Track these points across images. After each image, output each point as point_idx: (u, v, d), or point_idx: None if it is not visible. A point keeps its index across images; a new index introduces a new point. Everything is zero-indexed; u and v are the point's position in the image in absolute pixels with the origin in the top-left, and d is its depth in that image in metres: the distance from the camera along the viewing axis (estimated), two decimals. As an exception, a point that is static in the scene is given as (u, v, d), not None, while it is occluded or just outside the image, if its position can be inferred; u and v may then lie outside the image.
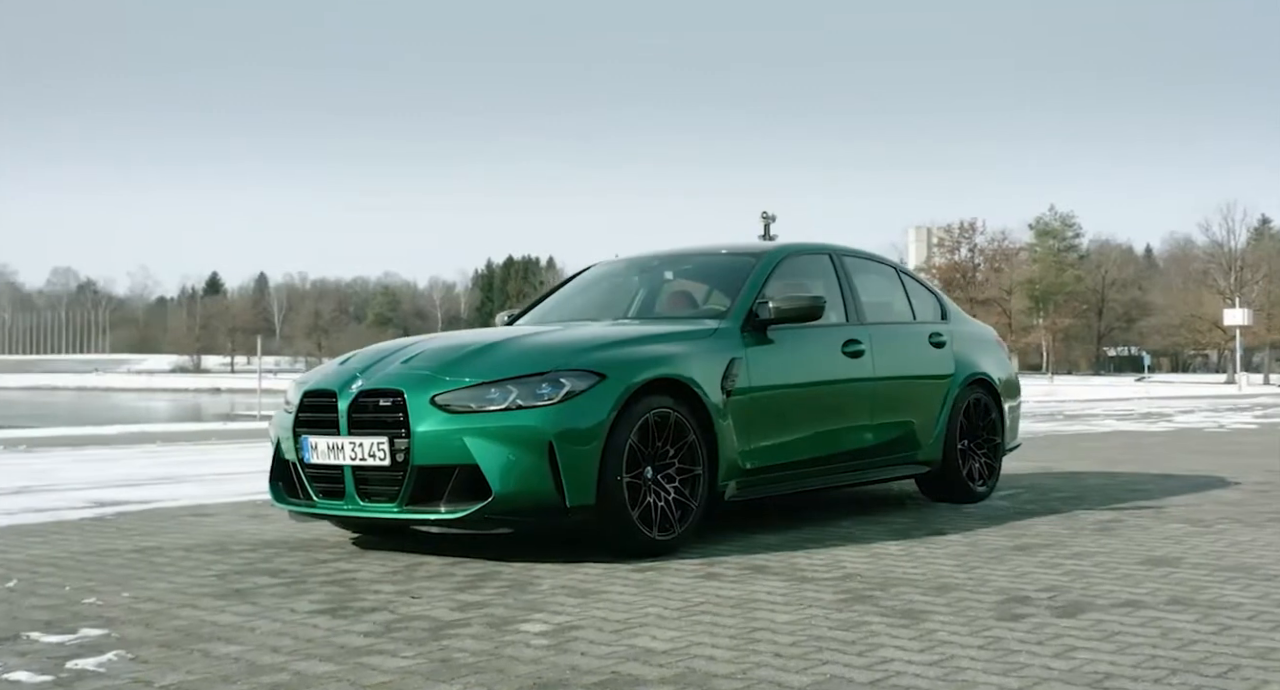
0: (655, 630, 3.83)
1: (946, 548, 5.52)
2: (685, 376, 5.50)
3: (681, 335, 5.82)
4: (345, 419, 5.29)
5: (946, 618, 3.99)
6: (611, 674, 3.30)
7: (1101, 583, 4.61)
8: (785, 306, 6.07)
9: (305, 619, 4.05)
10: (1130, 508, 7.04)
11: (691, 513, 5.48)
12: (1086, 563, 5.08)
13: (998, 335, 8.26)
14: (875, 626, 3.86)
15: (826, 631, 3.79)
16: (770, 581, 4.69)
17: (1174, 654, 3.48)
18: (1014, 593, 4.42)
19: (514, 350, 5.41)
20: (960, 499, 7.28)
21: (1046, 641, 3.64)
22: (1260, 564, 5.04)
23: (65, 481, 9.41)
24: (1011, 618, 3.99)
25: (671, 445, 5.43)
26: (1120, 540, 5.74)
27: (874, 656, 3.48)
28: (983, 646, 3.58)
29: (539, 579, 4.79)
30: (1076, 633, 3.76)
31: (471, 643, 3.68)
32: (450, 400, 5.13)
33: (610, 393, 5.19)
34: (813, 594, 4.41)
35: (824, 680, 3.22)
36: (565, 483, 5.05)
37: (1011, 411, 7.88)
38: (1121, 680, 3.21)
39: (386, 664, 3.43)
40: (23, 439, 16.07)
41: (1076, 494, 7.80)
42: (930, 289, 7.78)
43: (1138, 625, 3.86)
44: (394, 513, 5.19)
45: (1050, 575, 4.78)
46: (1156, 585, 4.55)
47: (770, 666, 3.36)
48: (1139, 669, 3.32)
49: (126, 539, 6.07)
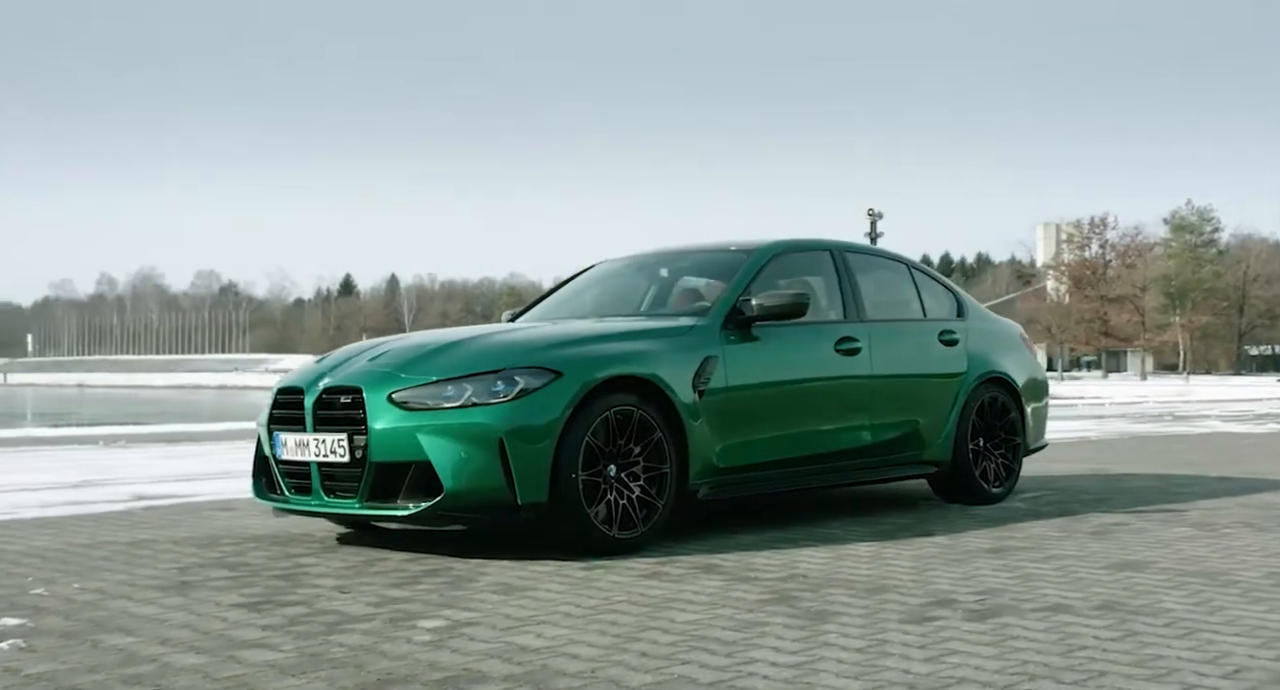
0: (547, 628, 3.82)
1: (919, 550, 5.41)
2: (650, 374, 5.47)
3: (653, 333, 5.80)
4: (310, 416, 5.39)
5: (852, 619, 3.91)
6: (462, 670, 3.30)
7: (1046, 587, 4.47)
8: (768, 304, 6.00)
9: (222, 612, 4.13)
10: (1149, 510, 6.81)
11: (658, 511, 5.45)
12: (1050, 566, 4.93)
13: (1024, 334, 8.04)
14: (770, 628, 3.80)
15: (717, 632, 3.75)
16: (709, 581, 4.64)
17: (1049, 660, 3.37)
18: (945, 596, 4.31)
19: (474, 348, 5.44)
20: (974, 500, 7.11)
21: (930, 646, 3.55)
22: (1231, 569, 4.84)
23: (126, 477, 9.70)
24: (918, 621, 3.89)
25: (637, 443, 5.41)
26: (1108, 543, 5.56)
27: (741, 657, 3.42)
28: (861, 650, 3.51)
29: (481, 575, 4.81)
30: (969, 637, 3.66)
31: (358, 638, 3.71)
32: (407, 397, 5.19)
33: (565, 390, 5.19)
34: (739, 595, 4.36)
35: (667, 680, 3.19)
36: (516, 480, 5.06)
37: (1036, 412, 7.68)
38: (971, 685, 3.12)
39: (255, 657, 3.48)
40: (124, 435, 16.65)
41: (1106, 496, 7.57)
42: (947, 286, 7.62)
43: (1040, 631, 3.74)
44: (356, 508, 5.26)
45: (1000, 578, 4.65)
46: (1102, 590, 4.40)
47: (625, 666, 3.33)
48: (1000, 674, 3.22)
49: (132, 532, 6.25)
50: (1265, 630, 3.73)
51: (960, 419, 7.05)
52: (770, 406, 6.06)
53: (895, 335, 6.90)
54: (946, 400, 7.02)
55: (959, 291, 7.66)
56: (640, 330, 5.81)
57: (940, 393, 7.00)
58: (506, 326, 6.07)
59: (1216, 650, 3.47)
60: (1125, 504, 7.13)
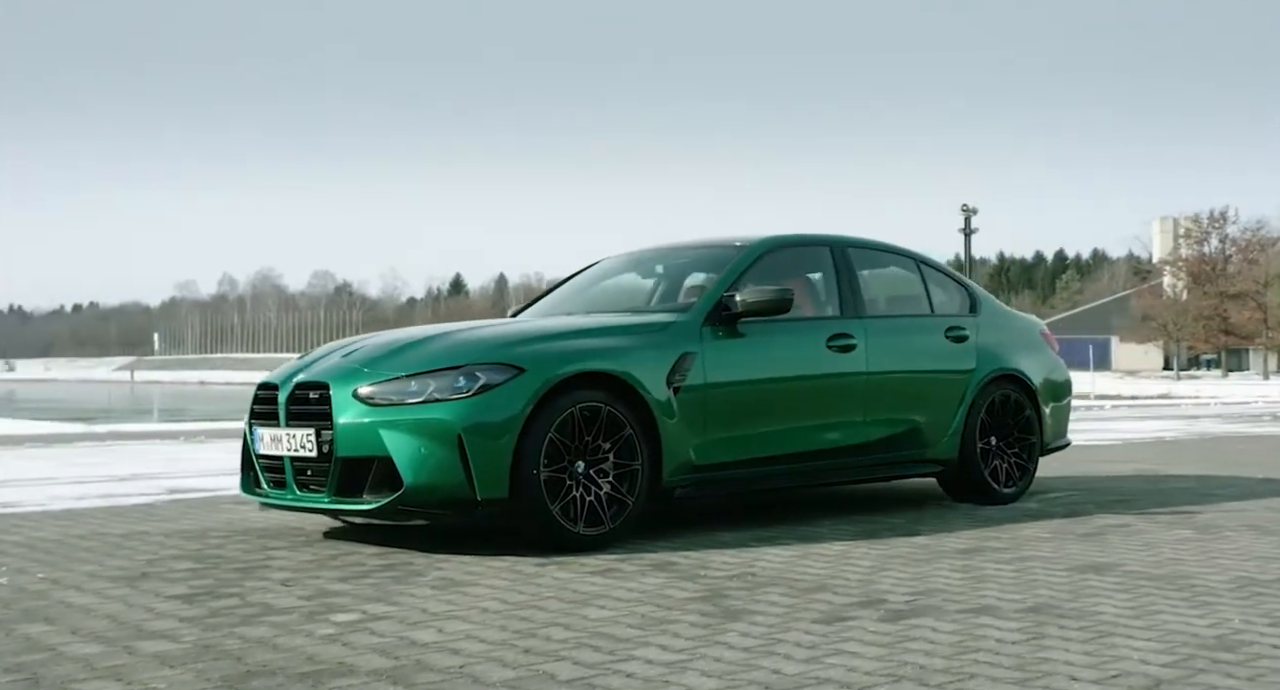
0: (454, 623, 3.83)
1: (890, 550, 5.30)
2: (619, 371, 5.45)
3: (628, 329, 5.77)
4: (283, 411, 5.46)
5: (764, 619, 3.86)
6: (336, 664, 3.32)
7: (990, 589, 4.36)
8: (751, 300, 5.94)
9: (154, 604, 4.21)
10: (1163, 512, 6.61)
11: (628, 508, 5.42)
12: (1011, 568, 4.81)
13: (1045, 331, 7.83)
14: (674, 626, 3.76)
15: (617, 629, 3.72)
16: (652, 578, 4.61)
17: (930, 661, 3.29)
18: (878, 596, 4.22)
19: (440, 345, 5.47)
20: (983, 500, 6.96)
21: (821, 646, 3.49)
22: (1199, 573, 4.68)
23: (178, 471, 9.94)
24: (830, 621, 3.82)
25: (607, 440, 5.39)
26: (1090, 546, 5.41)
27: (622, 655, 3.40)
28: (748, 649, 3.46)
29: (435, 570, 4.83)
30: (868, 638, 3.58)
31: (263, 631, 3.75)
32: (371, 393, 5.23)
33: (527, 386, 5.19)
34: (671, 593, 4.32)
35: (528, 677, 3.17)
36: (475, 475, 5.08)
37: (1055, 410, 7.49)
38: (830, 685, 3.05)
39: (149, 648, 3.53)
40: (204, 431, 17.06)
41: (1130, 497, 7.36)
42: (960, 282, 7.46)
43: (947, 632, 3.65)
44: (325, 503, 5.33)
45: (950, 580, 4.55)
46: (1045, 593, 4.28)
47: (499, 662, 3.33)
48: (868, 675, 3.15)
49: (136, 524, 6.37)
50: (1179, 635, 3.60)
51: (968, 417, 6.90)
52: (754, 403, 6.00)
53: (895, 331, 6.78)
54: (953, 397, 6.88)
55: (973, 287, 7.50)
56: (614, 326, 5.79)
57: (946, 390, 6.86)
58: (481, 323, 6.08)
59: (1113, 655, 3.36)
60: (1143, 505, 6.93)
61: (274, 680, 3.16)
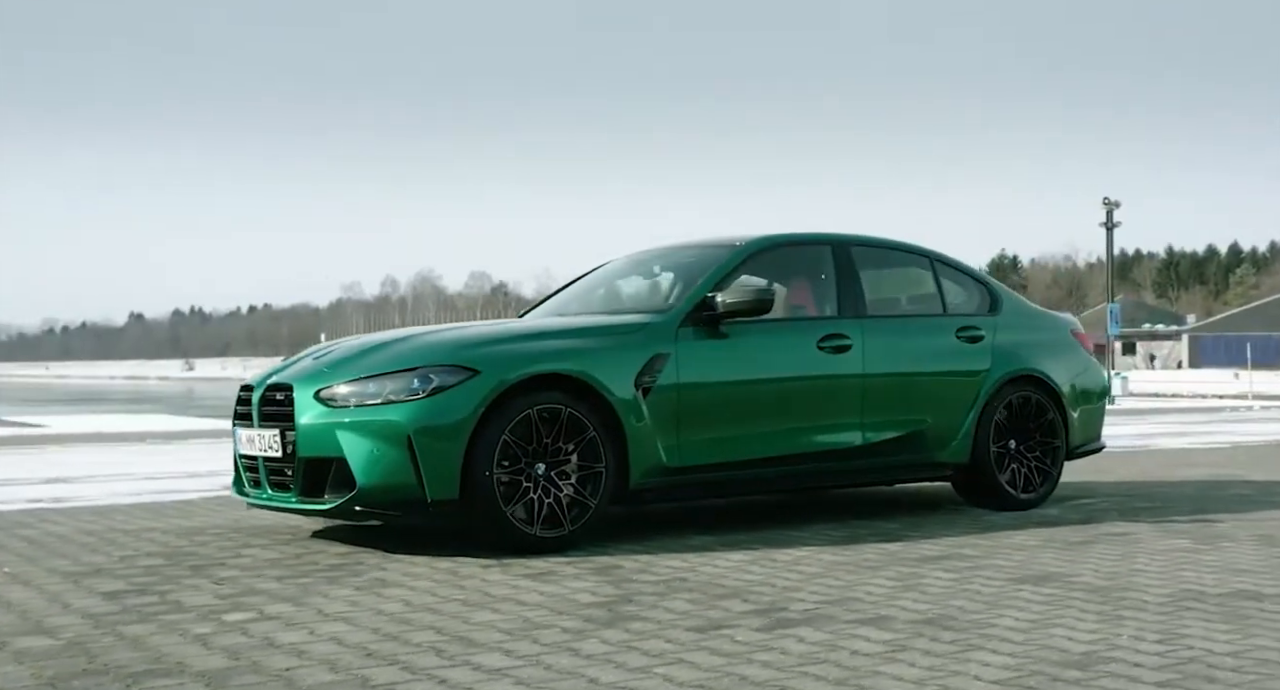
0: (332, 626, 3.86)
1: (846, 558, 5.17)
2: (578, 372, 5.42)
3: (597, 330, 5.74)
4: (256, 412, 5.58)
5: (643, 627, 3.80)
6: (175, 664, 3.37)
7: (906, 600, 4.22)
8: (731, 301, 5.86)
9: (77, 599, 4.32)
10: (1179, 520, 6.33)
11: (590, 511, 5.39)
12: (953, 577, 4.65)
13: (1078, 330, 7.52)
14: (547, 633, 3.73)
15: (489, 634, 3.70)
16: (577, 583, 4.58)
17: (763, 673, 3.20)
18: (781, 605, 4.12)
19: (403, 347, 5.50)
20: (998, 505, 6.74)
21: (667, 654, 3.43)
22: (1147, 586, 4.46)
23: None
24: (706, 629, 3.75)
25: (569, 442, 5.37)
26: (1064, 555, 5.20)
27: (460, 660, 3.38)
28: (591, 656, 3.41)
29: (378, 570, 4.87)
30: (723, 648, 3.50)
31: (144, 630, 3.81)
32: (332, 395, 5.31)
33: (480, 388, 5.20)
34: (580, 597, 4.29)
35: (340, 682, 3.18)
36: (425, 476, 5.11)
37: (1086, 412, 7.20)
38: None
39: (24, 643, 3.64)
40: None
41: (1164, 504, 7.07)
42: (981, 280, 7.22)
43: (813, 642, 3.55)
44: (293, 503, 5.42)
45: (874, 589, 4.41)
46: (962, 603, 4.13)
47: (326, 665, 3.34)
48: (683, 686, 3.07)
49: (155, 521, 6.54)
50: (1048, 651, 3.44)
51: (980, 419, 6.69)
52: (733, 404, 5.91)
53: (898, 332, 6.60)
54: (964, 399, 6.67)
55: (996, 287, 7.25)
56: (583, 328, 5.76)
57: (956, 391, 6.66)
58: (451, 326, 6.11)
59: (953, 669, 3.22)
60: (1168, 513, 6.64)
61: (97, 680, 3.21)
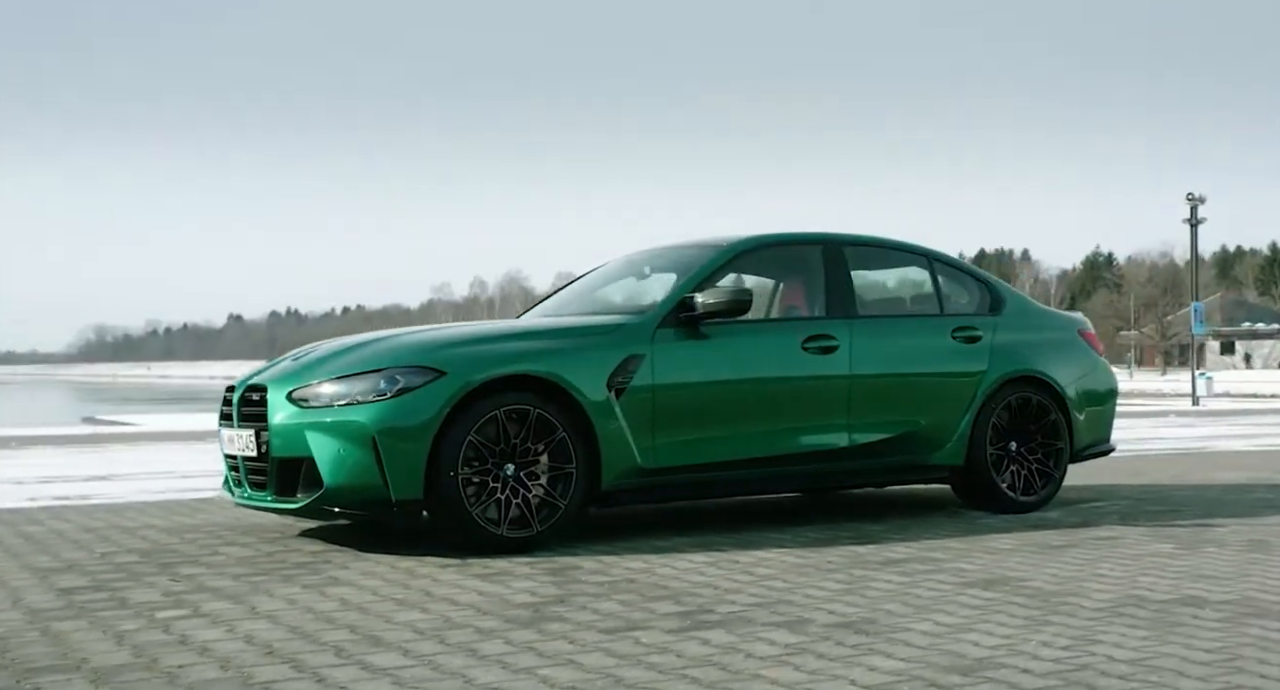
0: (253, 623, 3.91)
1: (807, 560, 5.13)
2: (547, 373, 5.44)
3: (571, 331, 5.76)
4: (236, 412, 5.68)
5: (561, 628, 3.81)
6: (80, 660, 3.44)
7: (837, 604, 4.18)
8: (709, 301, 5.84)
9: (31, 595, 4.43)
10: (1180, 524, 6.22)
11: (559, 511, 5.41)
12: (898, 582, 4.59)
13: (1087, 330, 7.37)
14: (459, 633, 3.76)
15: (401, 633, 3.74)
16: (522, 583, 4.60)
17: (644, 675, 3.19)
18: (709, 607, 4.11)
19: (375, 349, 5.56)
20: (997, 508, 6.64)
21: (561, 655, 3.43)
22: (1095, 591, 4.38)
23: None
24: (618, 631, 3.75)
25: (540, 442, 5.39)
26: (1030, 560, 5.12)
27: (358, 659, 3.42)
28: (486, 656, 3.43)
29: (333, 570, 4.92)
30: (622, 649, 3.51)
31: (74, 626, 3.88)
32: (304, 396, 5.38)
33: (445, 389, 5.24)
34: (517, 598, 4.31)
35: (224, 679, 3.22)
36: (389, 477, 5.17)
37: (1092, 414, 7.07)
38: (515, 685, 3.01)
39: (-51, 636, 3.75)
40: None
41: (1174, 508, 6.95)
42: (983, 280, 7.11)
43: (717, 645, 3.54)
44: (269, 502, 5.51)
45: (813, 593, 4.37)
46: (887, 607, 4.09)
47: (217, 663, 3.39)
48: (555, 686, 3.07)
49: (159, 519, 6.69)
50: (946, 655, 3.39)
51: (976, 420, 6.59)
52: (710, 405, 5.89)
53: (888, 332, 6.53)
54: (958, 400, 6.58)
55: (999, 286, 7.14)
56: (556, 329, 5.78)
57: (950, 392, 6.57)
58: (429, 327, 6.15)
59: (836, 673, 3.19)
60: (1170, 517, 6.52)
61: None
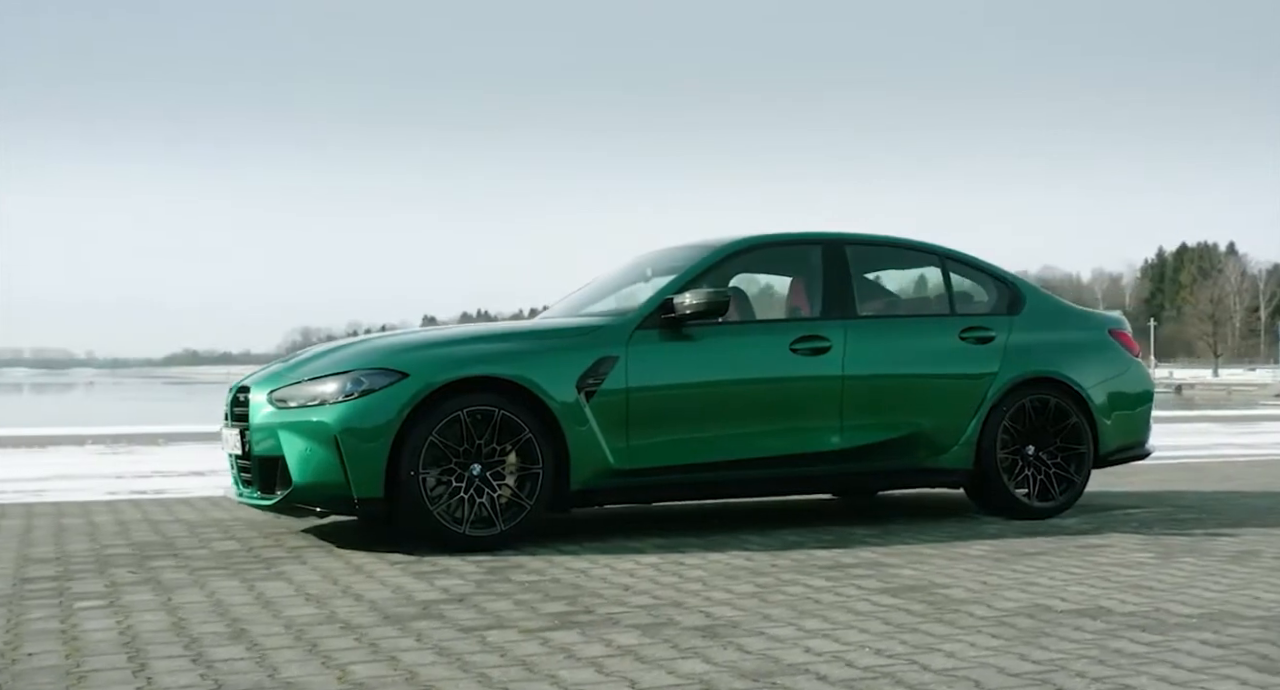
0: (147, 616, 4.05)
1: (757, 563, 5.11)
2: (514, 375, 5.53)
3: (543, 333, 5.83)
4: (229, 412, 5.93)
5: (425, 625, 3.89)
6: (-41, 643, 3.68)
7: (730, 608, 4.16)
8: (689, 302, 5.86)
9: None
10: (1190, 534, 6.00)
11: (524, 511, 5.50)
12: (820, 586, 4.54)
13: (1120, 330, 7.07)
14: (321, 629, 3.87)
15: (270, 629, 3.87)
16: (441, 580, 4.69)
17: (434, 672, 3.26)
18: (590, 609, 4.13)
19: (348, 352, 5.73)
20: (1011, 513, 6.48)
21: (409, 651, 3.51)
22: (1000, 601, 4.25)
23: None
24: (477, 630, 3.82)
25: (506, 443, 5.49)
26: (986, 566, 5.02)
27: (199, 653, 3.56)
28: (326, 651, 3.53)
29: (283, 565, 5.09)
30: (462, 646, 3.57)
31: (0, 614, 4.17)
32: (281, 397, 5.59)
33: (406, 391, 5.38)
34: (418, 595, 4.41)
35: (56, 666, 3.40)
36: (351, 475, 5.33)
37: (1121, 417, 6.81)
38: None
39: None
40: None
41: (1198, 517, 6.67)
42: (1003, 279, 6.90)
43: (558, 645, 3.57)
44: (255, 498, 5.74)
45: (724, 595, 4.37)
46: (774, 613, 4.06)
47: (55, 654, 3.57)
48: (354, 676, 3.16)
49: (191, 514, 7.01)
50: (761, 660, 3.36)
51: (985, 423, 6.43)
52: (691, 407, 5.90)
53: (888, 333, 6.42)
54: (966, 402, 6.43)
55: (1022, 286, 6.93)
56: (529, 331, 5.86)
57: (956, 394, 6.42)
58: (406, 330, 6.28)
59: (630, 676, 3.19)
60: (1183, 527, 6.26)
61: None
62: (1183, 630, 3.74)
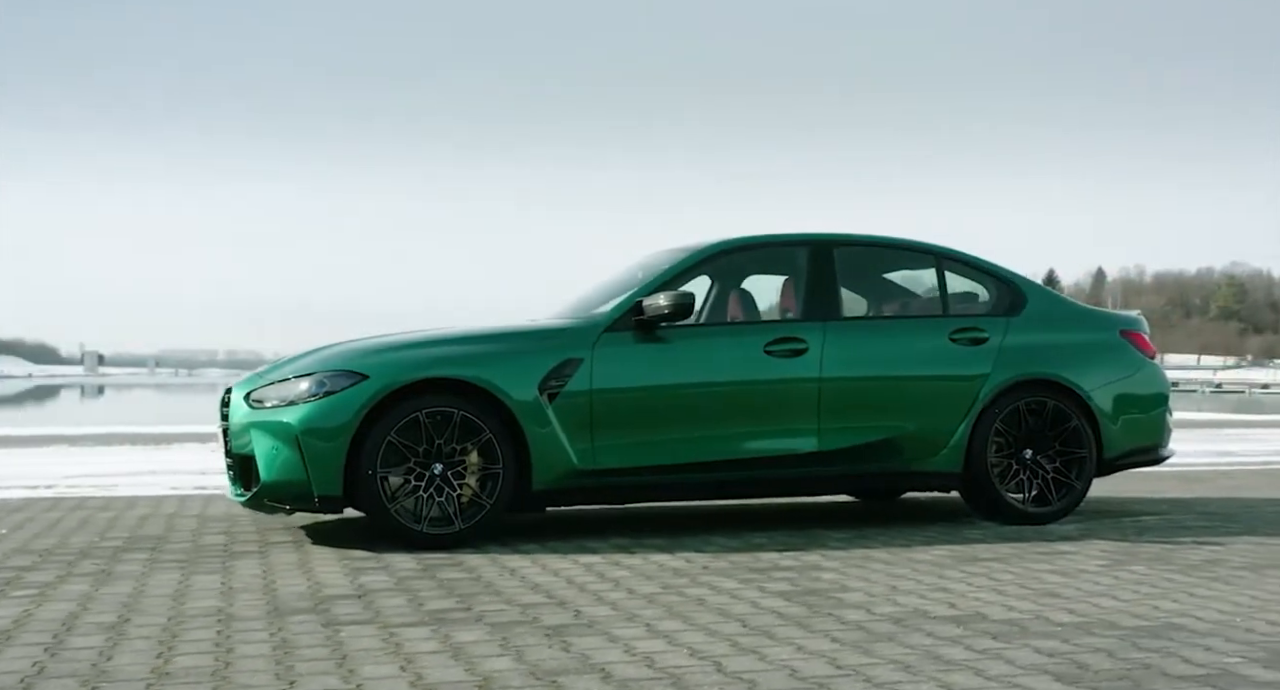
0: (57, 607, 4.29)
1: (703, 565, 5.12)
2: (474, 377, 5.65)
3: (507, 336, 5.93)
4: (220, 412, 6.18)
5: (304, 618, 4.04)
6: None
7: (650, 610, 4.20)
8: (656, 305, 5.90)
9: (-40, 573, 5.05)
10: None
11: (484, 510, 5.62)
12: (702, 593, 4.54)
13: (1135, 331, 6.82)
14: (215, 623, 4.04)
15: (165, 624, 4.05)
16: (367, 577, 4.83)
17: (307, 666, 3.37)
18: (501, 608, 4.22)
19: (320, 354, 5.93)
20: (1005, 519, 6.34)
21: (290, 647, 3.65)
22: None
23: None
24: (356, 624, 3.95)
25: (468, 443, 5.62)
26: (936, 571, 4.96)
27: (70, 646, 3.75)
28: (196, 640, 3.69)
29: (242, 559, 5.31)
30: (343, 636, 3.69)
31: (-62, 599, 4.45)
32: (257, 397, 5.82)
33: (364, 392, 5.55)
34: (329, 591, 4.56)
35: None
36: (311, 474, 5.52)
37: (1129, 421, 6.60)
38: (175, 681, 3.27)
39: None
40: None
41: (1195, 525, 6.45)
42: (1004, 278, 6.72)
43: (468, 641, 3.68)
44: (234, 495, 5.98)
45: (623, 595, 4.42)
46: (648, 612, 4.11)
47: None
48: (232, 666, 3.31)
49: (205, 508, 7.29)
50: (576, 658, 3.39)
51: (976, 426, 6.30)
52: (658, 408, 5.93)
53: (870, 334, 6.34)
54: (955, 404, 6.31)
55: (1025, 286, 6.75)
56: (492, 334, 5.96)
57: (943, 396, 6.31)
58: (379, 335, 6.39)
59: (435, 667, 3.26)
60: (1179, 535, 6.07)
61: None
62: (1032, 638, 3.66)
